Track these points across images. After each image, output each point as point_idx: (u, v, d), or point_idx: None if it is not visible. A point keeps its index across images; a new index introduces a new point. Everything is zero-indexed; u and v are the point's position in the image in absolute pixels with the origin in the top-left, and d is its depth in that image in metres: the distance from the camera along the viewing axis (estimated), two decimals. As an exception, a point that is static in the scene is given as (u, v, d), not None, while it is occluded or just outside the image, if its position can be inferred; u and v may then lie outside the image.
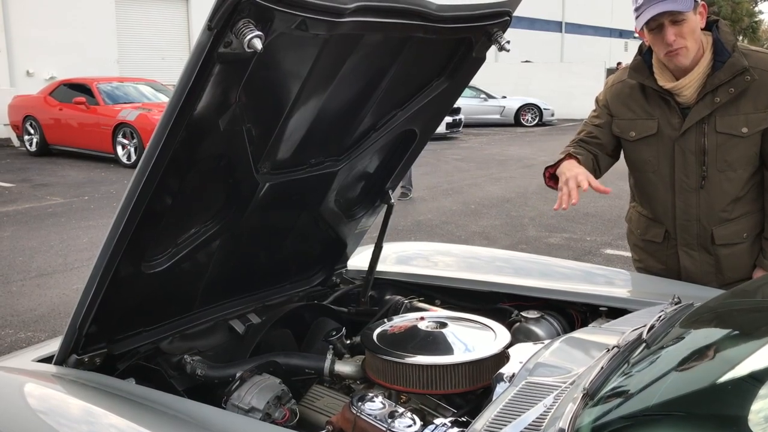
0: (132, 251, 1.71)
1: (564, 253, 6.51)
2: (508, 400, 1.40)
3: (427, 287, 2.52)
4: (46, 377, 1.75)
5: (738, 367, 1.35)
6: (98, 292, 1.72)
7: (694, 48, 2.17)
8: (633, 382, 1.36)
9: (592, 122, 2.47)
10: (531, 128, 20.59)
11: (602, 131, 2.43)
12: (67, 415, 1.58)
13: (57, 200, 9.25)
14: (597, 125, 2.45)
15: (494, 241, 7.08)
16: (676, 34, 2.13)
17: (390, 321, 2.03)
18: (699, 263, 2.35)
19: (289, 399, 1.78)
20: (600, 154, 2.43)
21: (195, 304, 2.13)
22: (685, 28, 2.13)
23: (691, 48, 2.17)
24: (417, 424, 1.52)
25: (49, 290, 5.55)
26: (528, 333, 2.15)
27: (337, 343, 1.99)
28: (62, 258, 6.46)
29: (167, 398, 1.64)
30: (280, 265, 2.38)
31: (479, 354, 1.75)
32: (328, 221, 2.38)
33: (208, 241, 1.97)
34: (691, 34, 2.15)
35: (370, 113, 2.06)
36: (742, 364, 1.36)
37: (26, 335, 4.58)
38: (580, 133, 2.49)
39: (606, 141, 2.43)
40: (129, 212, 1.62)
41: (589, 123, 2.49)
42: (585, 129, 2.49)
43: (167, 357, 2.00)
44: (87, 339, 1.81)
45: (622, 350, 1.44)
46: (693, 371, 1.38)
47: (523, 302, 2.33)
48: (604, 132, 2.43)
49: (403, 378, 1.74)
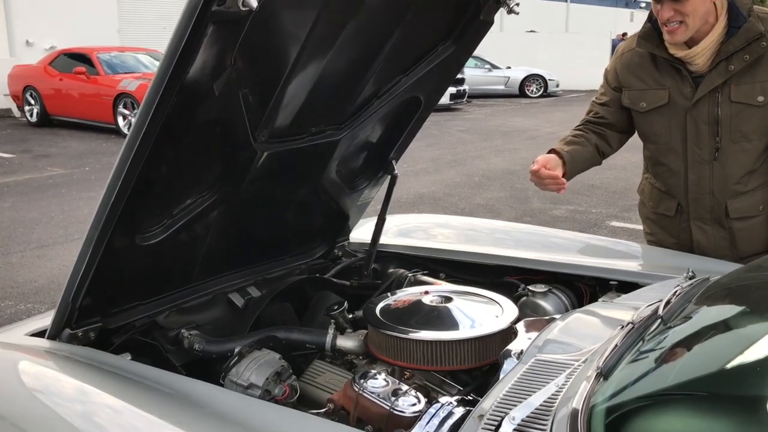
0: (125, 222, 1.65)
1: (569, 225, 6.45)
2: (517, 378, 1.34)
3: (432, 260, 2.46)
4: (38, 353, 1.69)
5: (757, 345, 1.28)
6: (91, 264, 1.66)
7: (695, 25, 2.07)
8: (649, 360, 1.29)
9: (599, 101, 2.42)
10: (536, 99, 20.38)
11: (609, 110, 2.37)
12: (60, 394, 1.53)
13: (58, 171, 9.19)
14: (603, 104, 2.40)
15: (498, 213, 7.01)
16: (675, 10, 2.04)
17: (393, 295, 1.96)
18: (712, 237, 2.28)
19: (290, 375, 1.72)
20: (609, 132, 2.38)
21: (192, 277, 2.07)
22: (687, 5, 2.03)
23: (692, 25, 2.07)
24: (421, 402, 1.46)
25: (50, 262, 5.51)
26: (535, 307, 2.10)
27: (339, 317, 1.93)
28: (63, 229, 6.41)
29: (163, 375, 1.58)
30: (281, 237, 2.32)
31: (486, 330, 1.69)
32: (330, 192, 2.31)
33: (205, 212, 1.90)
34: (694, 12, 2.05)
35: (373, 79, 1.98)
36: (761, 341, 1.29)
37: (26, 307, 4.55)
38: (588, 114, 2.45)
39: (614, 119, 2.37)
40: (121, 181, 1.54)
41: (595, 103, 2.44)
42: (592, 109, 2.43)
43: (164, 331, 1.95)
44: (80, 313, 1.75)
45: (637, 327, 1.38)
46: (711, 350, 1.32)
47: (530, 276, 2.27)
48: (611, 110, 2.37)
49: (407, 354, 1.68)
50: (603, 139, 2.37)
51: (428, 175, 8.98)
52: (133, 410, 1.40)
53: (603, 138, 2.37)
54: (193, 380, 1.57)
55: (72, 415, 1.45)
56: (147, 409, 1.40)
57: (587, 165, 2.37)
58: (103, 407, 1.45)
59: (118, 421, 1.40)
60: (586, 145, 2.34)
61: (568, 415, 1.15)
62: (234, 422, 1.36)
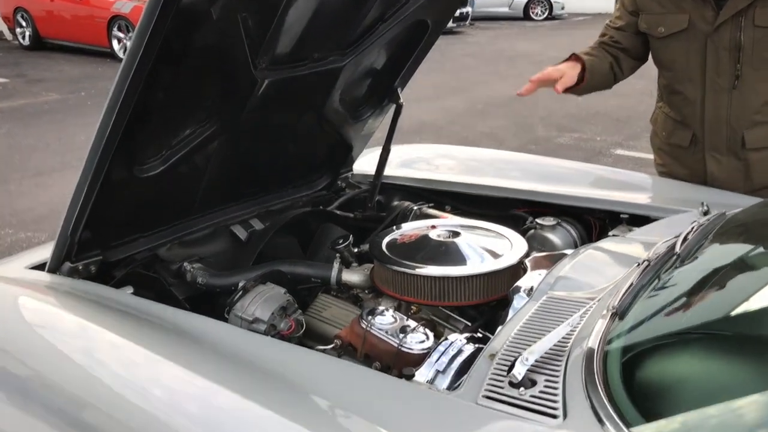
0: (123, 153, 1.59)
1: (574, 153, 6.37)
2: (528, 316, 1.30)
3: (437, 193, 2.40)
4: (39, 288, 1.66)
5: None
6: (89, 197, 1.61)
7: None
8: (665, 299, 1.26)
9: (613, 25, 2.33)
10: (540, 22, 19.84)
11: (624, 34, 2.29)
12: (60, 329, 1.50)
13: (53, 96, 9.02)
14: (618, 28, 2.31)
15: (502, 142, 6.92)
16: None
17: (399, 229, 1.92)
18: (727, 169, 2.22)
19: (295, 309, 1.70)
20: (622, 57, 2.31)
21: (193, 209, 2.02)
22: None
23: None
24: (430, 339, 1.44)
25: (48, 189, 5.46)
26: (543, 241, 2.06)
27: (345, 251, 1.89)
28: (60, 156, 6.33)
29: (165, 310, 1.55)
30: (283, 168, 2.26)
31: (495, 265, 1.65)
32: (333, 122, 2.24)
33: (205, 143, 1.84)
34: None
35: (378, 2, 1.88)
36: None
37: (26, 235, 4.53)
38: (602, 37, 2.36)
39: (629, 44, 2.30)
40: (118, 109, 1.48)
41: (609, 26, 2.35)
42: (606, 33, 2.35)
43: (166, 264, 1.91)
44: (80, 246, 1.71)
45: (653, 265, 1.34)
46: (730, 288, 1.28)
47: (538, 208, 2.23)
48: (626, 35, 2.29)
49: (414, 289, 1.65)
50: (617, 62, 2.31)
51: (430, 102, 8.81)
52: (132, 346, 1.38)
53: (617, 61, 2.31)
54: (194, 315, 1.54)
55: (72, 351, 1.43)
56: (146, 345, 1.38)
57: (602, 80, 2.31)
58: (102, 343, 1.42)
59: (117, 356, 1.38)
60: (603, 61, 2.29)
61: (583, 355, 1.13)
62: (236, 358, 1.34)
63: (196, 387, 1.27)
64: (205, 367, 1.31)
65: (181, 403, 1.25)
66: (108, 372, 1.35)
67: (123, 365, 1.36)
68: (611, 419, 0.98)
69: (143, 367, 1.34)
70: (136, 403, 1.26)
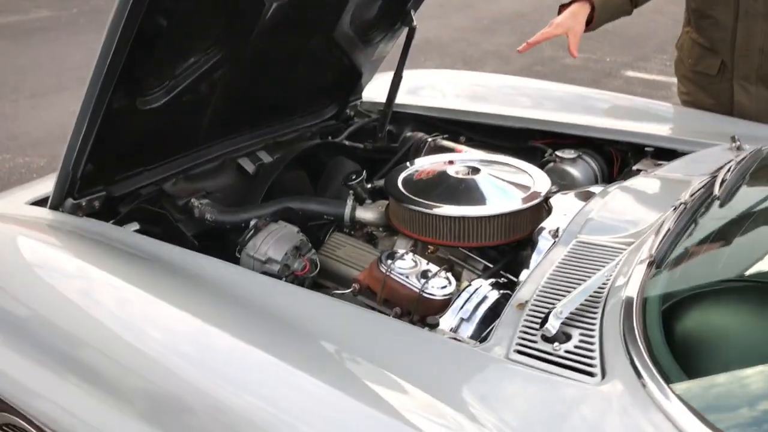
0: (125, 84, 1.50)
1: (583, 74, 6.19)
2: (558, 263, 1.24)
3: (451, 122, 2.30)
4: (40, 227, 1.59)
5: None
6: (90, 131, 1.53)
7: None
8: (705, 247, 1.20)
9: None
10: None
11: None
12: (62, 270, 1.44)
13: (44, 13, 8.70)
14: None
15: (508, 61, 6.72)
16: None
17: (414, 165, 1.83)
18: (755, 99, 2.11)
19: (309, 249, 1.64)
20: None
21: (198, 141, 1.93)
22: None
23: None
24: (452, 284, 1.38)
25: (44, 111, 5.32)
26: (563, 174, 1.98)
27: (358, 187, 1.81)
28: (55, 77, 6.14)
29: (167, 250, 1.48)
30: (290, 96, 2.16)
31: (516, 204, 1.58)
32: (343, 47, 2.12)
33: (210, 71, 1.73)
34: None
35: None
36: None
37: (24, 160, 4.43)
38: None
39: None
40: (118, 37, 1.38)
41: None
42: None
43: (173, 200, 1.84)
44: (83, 181, 1.64)
45: (690, 207, 1.27)
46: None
47: (557, 140, 2.14)
48: None
49: (432, 229, 1.58)
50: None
51: (434, 19, 8.50)
52: (131, 286, 1.32)
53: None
54: (197, 254, 1.47)
55: (72, 291, 1.38)
56: (144, 285, 1.33)
57: (617, 13, 2.19)
58: (101, 283, 1.37)
59: (114, 296, 1.33)
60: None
61: (620, 307, 1.07)
62: (239, 299, 1.29)
63: (193, 327, 1.23)
64: (204, 309, 1.27)
65: (177, 344, 1.21)
66: (105, 311, 1.31)
67: (120, 305, 1.31)
68: (653, 377, 0.94)
69: (138, 306, 1.29)
70: (133, 343, 1.22)
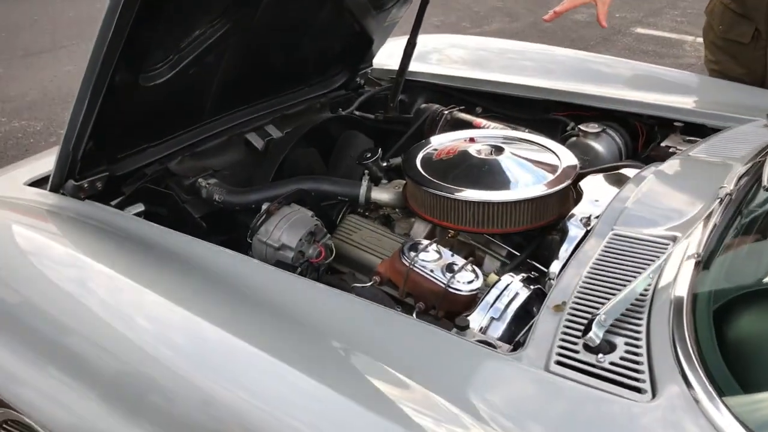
0: (127, 59, 1.40)
1: (592, 31, 6.03)
2: (595, 259, 1.16)
3: (466, 92, 2.20)
4: (39, 213, 1.50)
5: None
6: (91, 109, 1.43)
7: None
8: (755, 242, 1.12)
9: None
10: None
11: None
12: (55, 258, 1.36)
13: (35, -34, 8.43)
14: None
15: (516, 17, 6.54)
16: None
17: (432, 143, 1.73)
18: (790, 69, 2.02)
19: (324, 234, 1.56)
20: None
21: (204, 115, 1.84)
22: None
23: None
24: (479, 278, 1.31)
25: (39, 72, 5.17)
26: (586, 149, 1.89)
27: (373, 166, 1.72)
28: (49, 35, 5.97)
29: (172, 238, 1.39)
30: (298, 65, 2.05)
31: (543, 189, 1.49)
32: (353, 12, 2.01)
33: (217, 43, 1.63)
34: None
35: None
36: None
37: (20, 124, 4.31)
38: None
39: None
40: (120, 10, 1.28)
41: None
42: None
43: (179, 179, 1.75)
44: (84, 161, 1.55)
45: (735, 198, 1.18)
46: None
47: (580, 111, 2.04)
48: None
49: (454, 214, 1.49)
50: None
51: (438, -27, 8.27)
52: (123, 276, 1.25)
53: None
54: (198, 241, 1.37)
55: (66, 280, 1.31)
56: (136, 274, 1.26)
57: None
58: (95, 273, 1.29)
59: (107, 286, 1.26)
60: None
61: (669, 310, 0.99)
62: (237, 290, 1.21)
63: (183, 318, 1.16)
64: (198, 299, 1.20)
65: (167, 335, 1.15)
66: (96, 300, 1.24)
67: (112, 294, 1.25)
68: (708, 393, 0.87)
69: (129, 294, 1.22)
70: (122, 331, 1.16)
